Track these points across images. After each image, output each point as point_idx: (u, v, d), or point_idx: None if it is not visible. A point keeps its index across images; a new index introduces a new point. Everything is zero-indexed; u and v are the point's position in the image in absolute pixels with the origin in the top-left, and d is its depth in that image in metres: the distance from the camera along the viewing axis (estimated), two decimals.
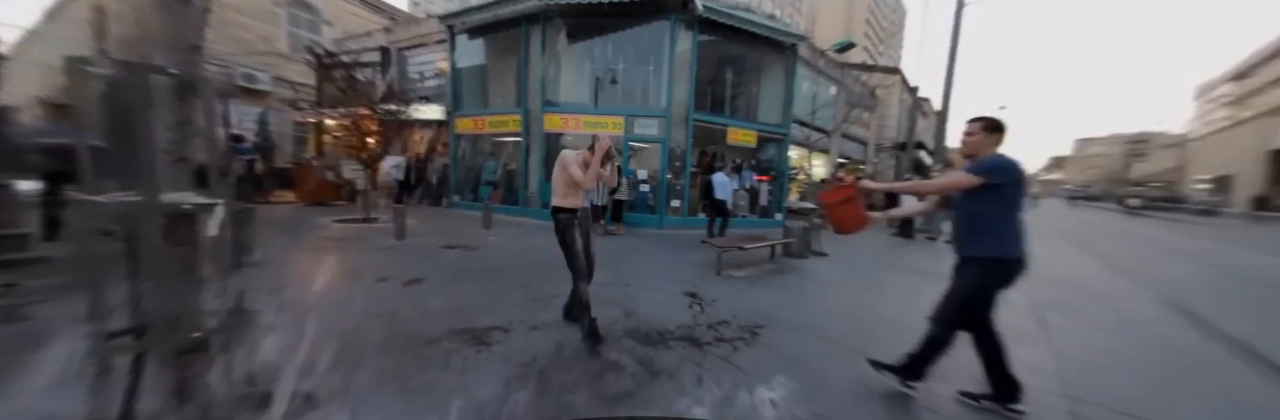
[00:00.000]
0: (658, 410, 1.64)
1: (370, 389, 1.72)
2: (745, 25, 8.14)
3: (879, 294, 3.82)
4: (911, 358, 1.85)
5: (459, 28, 9.68)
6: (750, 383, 1.94)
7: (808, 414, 1.69)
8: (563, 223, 2.45)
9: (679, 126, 8.16)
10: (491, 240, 6.01)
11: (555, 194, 2.50)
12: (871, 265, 5.17)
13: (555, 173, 2.48)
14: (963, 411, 1.76)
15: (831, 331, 2.65)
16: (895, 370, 1.88)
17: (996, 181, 1.71)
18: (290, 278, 3.54)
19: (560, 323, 2.60)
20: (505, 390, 1.78)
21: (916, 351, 1.83)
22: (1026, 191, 1.87)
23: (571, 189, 2.47)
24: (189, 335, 1.32)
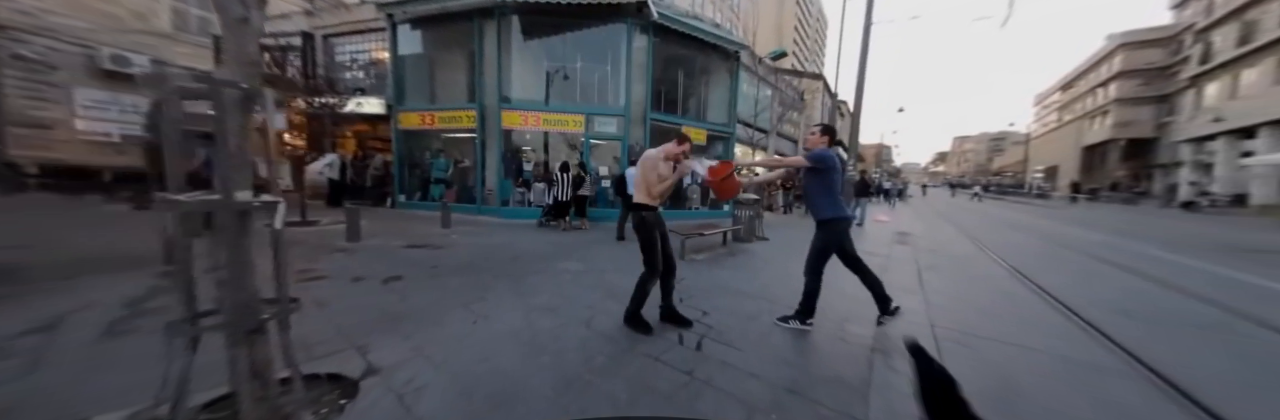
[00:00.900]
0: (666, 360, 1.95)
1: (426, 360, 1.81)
2: (695, 32, 8.57)
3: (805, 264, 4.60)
4: (801, 305, 2.53)
5: (400, 17, 8.90)
6: (719, 335, 2.43)
7: (768, 353, 2.17)
8: (647, 220, 2.44)
9: (637, 125, 8.44)
10: (455, 239, 5.85)
11: (638, 192, 2.49)
12: (801, 246, 5.89)
13: (640, 172, 2.45)
14: (841, 324, 2.39)
15: (774, 295, 3.27)
16: (795, 318, 2.54)
17: (819, 167, 2.44)
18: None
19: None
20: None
21: (803, 300, 2.53)
22: (842, 176, 2.63)
23: (657, 187, 2.46)
24: (258, 318, 1.40)
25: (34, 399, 1.63)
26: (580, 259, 4.56)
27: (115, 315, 2.49)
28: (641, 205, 2.45)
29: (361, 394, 1.70)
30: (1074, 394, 1.91)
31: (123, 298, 2.79)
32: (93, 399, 1.62)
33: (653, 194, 2.45)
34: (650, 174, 2.43)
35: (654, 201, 2.46)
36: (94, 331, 2.25)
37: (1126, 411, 1.77)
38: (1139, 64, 28.95)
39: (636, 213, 2.46)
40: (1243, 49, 19.30)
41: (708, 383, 1.85)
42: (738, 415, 1.60)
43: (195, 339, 1.35)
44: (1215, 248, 6.85)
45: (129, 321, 2.42)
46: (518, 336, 2.33)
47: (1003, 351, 2.39)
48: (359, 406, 1.61)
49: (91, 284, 3.07)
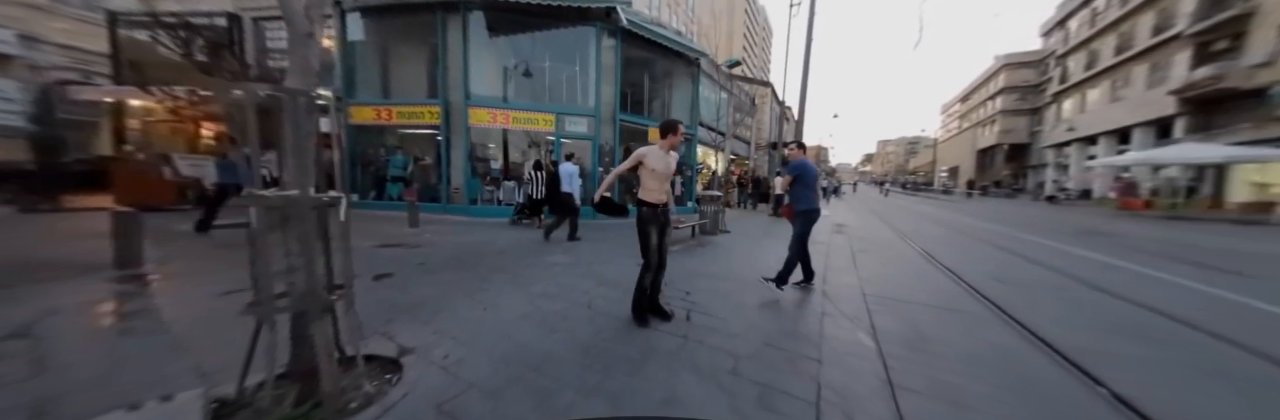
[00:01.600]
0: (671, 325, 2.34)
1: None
2: (660, 39, 8.99)
3: (764, 252, 5.23)
4: (779, 274, 3.27)
5: (350, 5, 8.33)
6: (703, 308, 2.87)
7: (744, 319, 2.63)
8: (642, 216, 2.42)
9: (607, 125, 8.71)
10: (429, 238, 5.78)
11: (641, 188, 2.46)
12: (758, 236, 6.80)
13: (644, 169, 2.41)
14: (797, 293, 3.18)
15: (741, 277, 3.82)
16: (773, 280, 3.27)
17: (797, 174, 3.39)
18: (220, 283, 3.12)
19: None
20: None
21: (782, 269, 3.28)
22: (817, 178, 3.50)
23: (653, 182, 2.42)
24: (328, 300, 1.58)
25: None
26: (565, 253, 4.81)
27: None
28: (641, 202, 2.44)
29: (406, 369, 1.89)
30: (962, 336, 2.59)
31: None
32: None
33: (649, 189, 2.43)
34: (659, 165, 2.37)
35: (652, 198, 2.42)
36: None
37: (996, 345, 2.46)
38: (1018, 81, 34.35)
39: (637, 209, 2.47)
40: (1088, 73, 23.81)
41: (701, 343, 2.26)
42: (723, 362, 2.03)
43: (271, 321, 1.51)
44: (1064, 231, 8.67)
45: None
46: (529, 318, 2.59)
47: (914, 309, 3.09)
48: (409, 377, 1.81)
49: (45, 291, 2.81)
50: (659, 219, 2.46)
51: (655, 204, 2.43)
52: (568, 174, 5.85)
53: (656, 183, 2.43)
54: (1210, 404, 1.80)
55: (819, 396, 1.71)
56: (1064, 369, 2.11)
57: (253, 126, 1.45)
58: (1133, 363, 2.18)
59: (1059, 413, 1.72)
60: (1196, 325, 2.79)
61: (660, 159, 2.42)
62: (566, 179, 5.82)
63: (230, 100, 1.65)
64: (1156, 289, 3.80)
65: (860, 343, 2.39)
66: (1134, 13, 20.41)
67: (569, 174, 5.86)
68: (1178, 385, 1.96)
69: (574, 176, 5.93)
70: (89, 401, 1.52)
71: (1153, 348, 2.42)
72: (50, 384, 1.66)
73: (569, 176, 5.85)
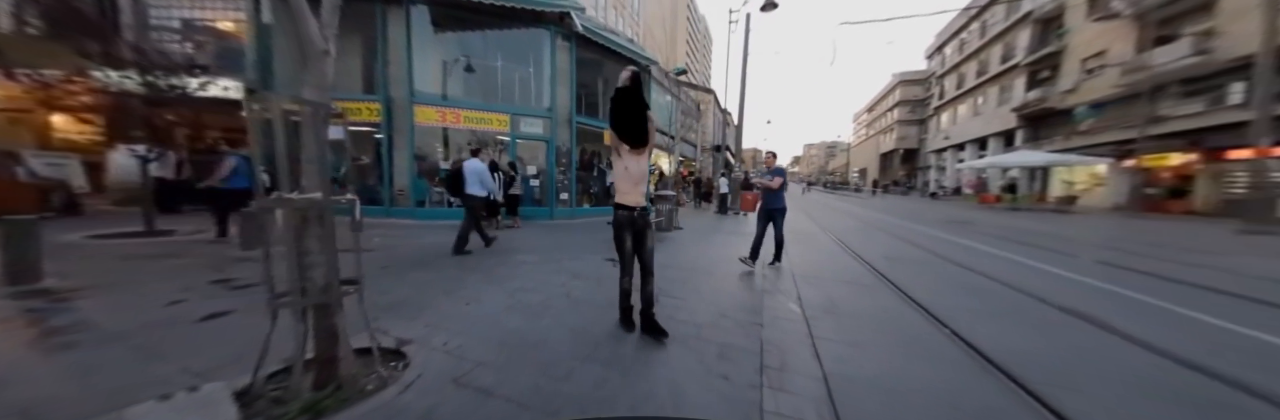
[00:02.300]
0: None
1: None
2: (613, 45, 9.33)
3: (714, 245, 5.87)
4: (752, 252, 4.21)
5: None
6: (668, 292, 3.28)
7: (702, 299, 3.14)
8: (616, 220, 2.29)
9: (563, 127, 8.85)
10: (379, 242, 5.57)
11: (616, 190, 2.36)
12: (708, 231, 7.46)
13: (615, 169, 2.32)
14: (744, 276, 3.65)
15: (696, 266, 4.33)
16: (745, 260, 4.12)
17: (783, 178, 4.18)
18: (152, 295, 2.87)
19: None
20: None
21: (752, 249, 4.23)
22: (787, 181, 4.31)
23: (627, 184, 2.28)
24: (333, 295, 1.73)
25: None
26: (532, 251, 4.98)
27: None
28: (617, 205, 2.31)
29: (411, 355, 2.06)
30: (861, 301, 3.34)
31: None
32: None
33: (622, 191, 2.31)
34: (633, 165, 2.27)
35: (627, 201, 2.29)
36: None
37: (883, 306, 3.22)
38: (910, 96, 40.29)
39: (613, 212, 2.33)
40: (958, 91, 28.82)
41: (670, 318, 2.69)
42: (690, 331, 2.49)
43: (301, 312, 1.64)
44: (939, 221, 10.67)
45: None
46: (513, 309, 2.83)
47: (830, 284, 3.85)
48: (417, 362, 1.99)
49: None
50: (635, 223, 2.30)
51: (631, 206, 2.29)
52: (474, 172, 4.76)
53: (629, 184, 2.30)
54: (1008, 333, 2.65)
55: (762, 348, 2.24)
56: (926, 319, 2.90)
57: (281, 137, 1.57)
58: (968, 313, 3.05)
59: (919, 346, 2.43)
60: (1012, 285, 3.88)
61: (634, 160, 2.30)
62: (471, 178, 4.74)
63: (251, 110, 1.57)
64: (992, 262, 5.06)
65: (791, 310, 3.00)
66: (989, 44, 25.14)
67: (476, 172, 4.78)
68: (991, 324, 2.82)
69: (483, 174, 4.82)
70: (82, 405, 1.51)
71: (982, 301, 3.37)
72: (23, 394, 1.59)
73: (476, 174, 4.77)
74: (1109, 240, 7.39)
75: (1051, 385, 1.89)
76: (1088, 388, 1.91)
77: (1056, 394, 1.80)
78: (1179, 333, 2.66)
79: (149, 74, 5.83)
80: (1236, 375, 2.02)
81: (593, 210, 9.61)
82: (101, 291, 2.91)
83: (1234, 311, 3.10)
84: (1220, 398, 1.85)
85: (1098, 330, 2.71)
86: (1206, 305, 3.24)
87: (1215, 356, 2.25)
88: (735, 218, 10.57)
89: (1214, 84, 12.31)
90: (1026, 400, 1.79)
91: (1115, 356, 2.32)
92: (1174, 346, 2.39)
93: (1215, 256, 5.67)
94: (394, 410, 1.55)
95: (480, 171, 4.83)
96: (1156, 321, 2.88)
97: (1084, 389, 1.89)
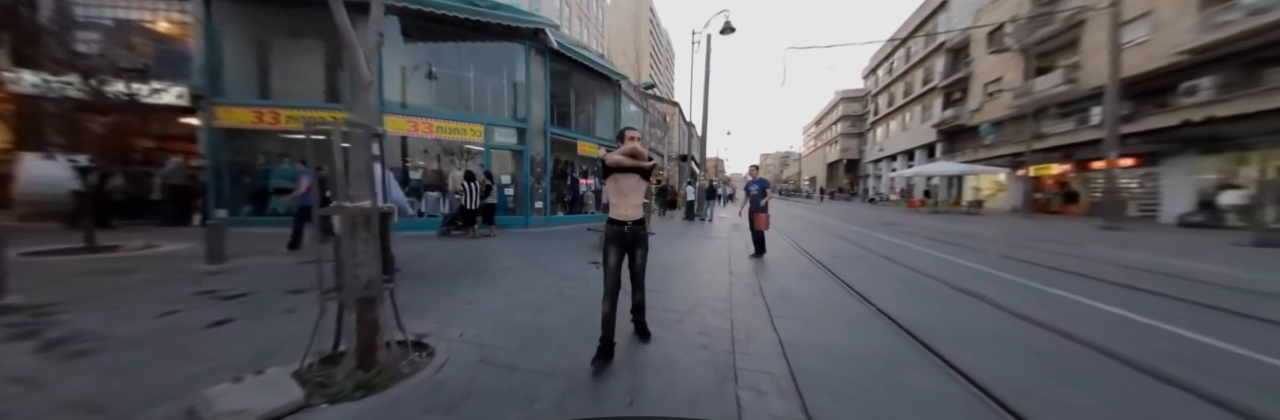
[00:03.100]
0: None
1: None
2: (585, 60, 9.78)
3: (687, 247, 6.41)
4: (756, 248, 5.41)
5: None
6: (651, 287, 3.74)
7: (679, 292, 3.60)
8: (606, 234, 2.12)
9: (538, 137, 9.09)
10: None
11: (610, 205, 2.17)
12: (678, 235, 8.03)
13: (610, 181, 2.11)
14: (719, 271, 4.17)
15: (670, 265, 4.81)
16: (754, 255, 5.00)
17: (763, 189, 5.41)
18: (136, 307, 2.82)
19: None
20: None
21: (755, 245, 5.43)
22: (768, 191, 5.65)
23: (617, 197, 2.11)
24: (376, 291, 1.98)
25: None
26: (516, 257, 5.19)
27: None
28: (610, 220, 2.17)
29: (434, 345, 2.30)
30: (810, 289, 3.95)
31: None
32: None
33: (613, 204, 2.15)
34: (623, 176, 2.09)
35: (617, 214, 2.12)
36: None
37: (827, 292, 3.84)
38: (851, 112, 44.29)
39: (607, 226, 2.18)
40: (890, 109, 32.28)
41: (656, 307, 3.08)
42: (674, 316, 2.92)
43: (349, 306, 1.88)
44: (874, 223, 12.02)
45: None
46: (514, 306, 3.10)
47: (784, 277, 4.44)
48: (441, 349, 2.24)
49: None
50: (624, 237, 2.11)
51: (621, 221, 2.12)
52: (283, 175, 3.49)
53: (619, 197, 2.13)
54: (918, 308, 3.33)
55: (732, 325, 2.71)
56: (858, 301, 3.54)
57: (339, 156, 1.84)
58: (892, 295, 3.73)
59: (853, 320, 3.02)
60: (924, 273, 4.70)
61: (624, 175, 2.12)
62: (276, 179, 3.40)
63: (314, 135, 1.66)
64: (914, 255, 5.99)
65: (753, 297, 3.53)
66: (913, 68, 28.53)
67: (285, 174, 3.43)
68: (908, 302, 3.50)
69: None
70: (139, 396, 1.65)
71: (904, 287, 4.10)
72: (70, 391, 1.68)
73: (282, 176, 3.38)
74: (1002, 236, 8.82)
75: (944, 341, 2.52)
76: (969, 343, 2.55)
77: (946, 347, 2.42)
78: (1038, 304, 3.48)
79: (87, 77, 5.42)
80: (1072, 330, 2.78)
81: (567, 218, 9.84)
82: (81, 306, 2.83)
83: (1080, 287, 4.05)
84: (1056, 346, 2.56)
85: (982, 303, 3.47)
86: (1063, 284, 4.19)
87: (1059, 318, 3.03)
88: (702, 223, 11.23)
89: (1081, 107, 15.01)
90: (926, 353, 2.39)
91: (992, 321, 3.04)
92: (1033, 313, 3.17)
93: (1076, 247, 7.05)
94: (436, 385, 1.83)
95: (290, 174, 3.50)
96: (1025, 297, 3.71)
97: (966, 343, 2.53)
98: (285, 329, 2.46)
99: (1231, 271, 4.84)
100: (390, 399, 1.69)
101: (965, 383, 2.00)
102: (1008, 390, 1.89)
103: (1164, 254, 6.20)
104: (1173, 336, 2.70)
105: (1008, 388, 1.91)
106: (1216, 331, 2.74)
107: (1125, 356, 2.32)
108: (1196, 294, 3.73)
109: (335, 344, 1.94)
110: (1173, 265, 5.25)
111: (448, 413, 1.58)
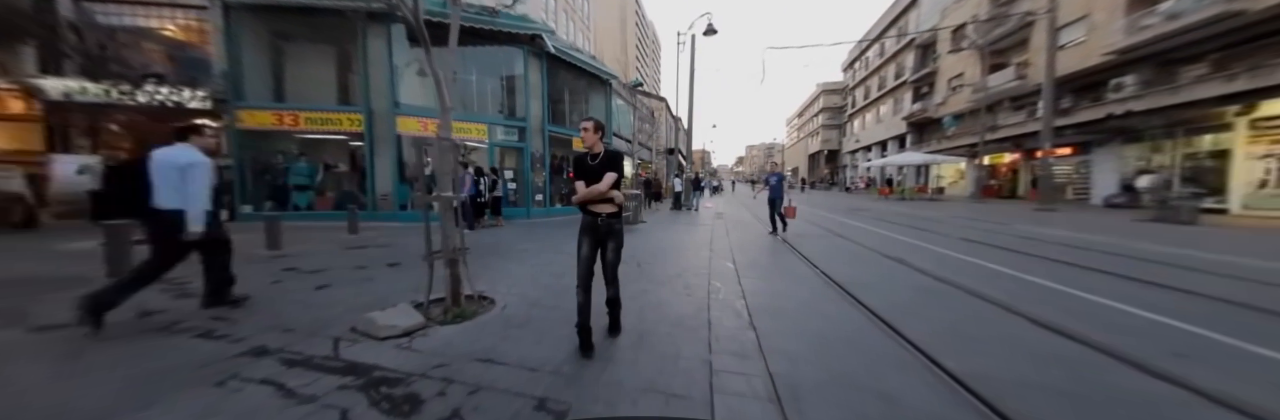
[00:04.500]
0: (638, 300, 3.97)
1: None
2: (578, 62, 10.35)
3: (675, 233, 7.23)
4: (773, 225, 6.66)
5: (235, 1, 7.51)
6: (645, 261, 4.59)
7: (668, 267, 4.46)
8: (581, 226, 2.11)
9: (536, 135, 9.73)
10: (384, 240, 6.15)
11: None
12: (668, 224, 8.86)
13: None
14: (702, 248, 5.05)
15: (662, 248, 5.61)
16: (772, 232, 6.16)
17: (781, 181, 6.56)
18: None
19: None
20: None
21: (772, 223, 6.52)
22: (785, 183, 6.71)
23: (583, 188, 2.09)
24: (460, 254, 2.76)
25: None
26: (529, 242, 5.96)
27: None
28: (583, 210, 2.15)
29: (492, 296, 3.10)
30: (775, 262, 4.85)
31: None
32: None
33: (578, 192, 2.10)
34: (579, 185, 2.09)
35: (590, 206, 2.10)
36: None
37: (790, 264, 4.75)
38: (831, 104, 45.37)
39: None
40: (865, 102, 33.42)
41: (652, 271, 3.95)
42: (666, 278, 3.76)
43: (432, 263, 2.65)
44: (846, 209, 13.10)
45: None
46: (540, 274, 3.89)
47: (754, 252, 5.34)
48: (499, 300, 3.03)
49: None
50: (596, 229, 2.10)
51: (594, 213, 2.11)
52: (173, 167, 2.44)
53: (582, 187, 2.10)
54: (852, 271, 4.25)
55: (709, 284, 3.58)
56: (808, 266, 4.45)
57: (449, 160, 2.57)
58: (834, 261, 4.66)
59: (800, 278, 3.92)
60: (868, 246, 5.66)
61: (578, 161, 2.14)
62: (165, 179, 2.43)
63: (419, 144, 2.13)
64: (864, 234, 6.98)
65: (728, 266, 4.40)
66: (886, 63, 29.53)
67: (166, 170, 2.44)
68: (844, 266, 4.42)
69: (189, 180, 2.47)
70: (304, 326, 2.41)
71: (846, 255, 5.05)
72: (261, 323, 2.43)
73: (167, 173, 2.44)
74: (948, 218, 9.94)
75: (858, 286, 3.43)
76: (875, 287, 3.47)
77: (858, 291, 3.33)
78: (942, 264, 4.44)
79: (116, 82, 5.89)
80: (953, 279, 3.73)
81: (566, 210, 10.58)
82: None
83: (983, 253, 5.04)
84: (935, 288, 3.50)
85: (902, 266, 4.42)
86: (972, 251, 5.18)
87: (951, 273, 3.99)
88: (688, 213, 12.12)
89: (1030, 101, 16.21)
90: (844, 294, 3.30)
91: (901, 276, 3.98)
92: (935, 270, 4.12)
93: (1004, 226, 8.16)
94: (505, 317, 2.64)
95: (183, 166, 2.40)
96: (937, 261, 4.68)
97: (873, 288, 3.45)
98: (375, 290, 3.22)
99: (1109, 239, 5.95)
100: (478, 323, 2.49)
101: (862, 309, 2.91)
102: (889, 310, 2.80)
103: (1071, 229, 7.34)
104: (1023, 281, 3.69)
105: (890, 310, 2.82)
106: (1061, 279, 3.72)
107: (981, 293, 3.27)
108: (1064, 255, 4.76)
109: (428, 293, 2.72)
110: (1068, 237, 6.34)
111: (521, 327, 2.40)
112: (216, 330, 2.35)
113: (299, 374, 1.80)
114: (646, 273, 3.88)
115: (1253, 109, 9.34)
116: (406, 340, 2.20)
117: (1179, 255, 4.82)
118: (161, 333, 2.31)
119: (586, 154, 2.15)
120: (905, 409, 1.64)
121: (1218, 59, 10.31)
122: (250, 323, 2.47)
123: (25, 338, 2.23)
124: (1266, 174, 9.35)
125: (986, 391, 1.73)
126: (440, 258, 2.64)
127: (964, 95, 19.57)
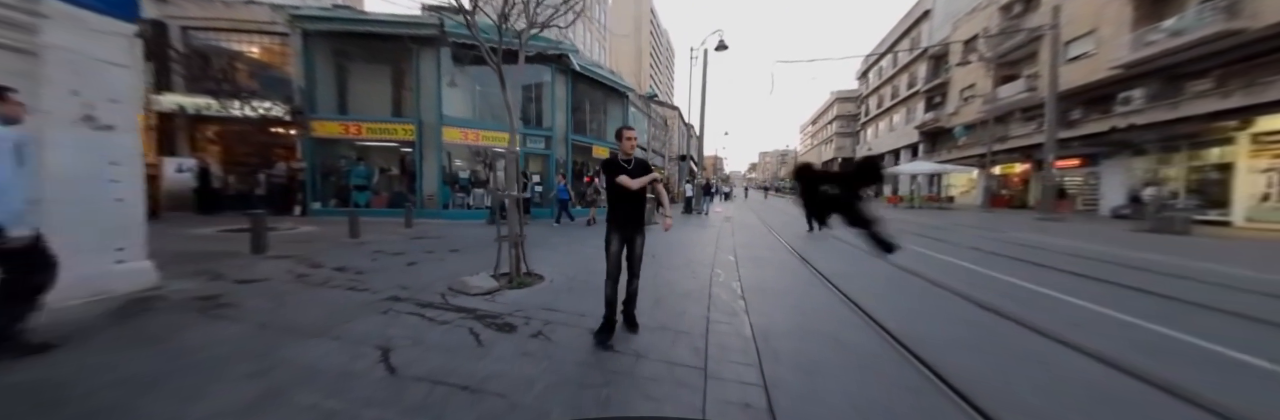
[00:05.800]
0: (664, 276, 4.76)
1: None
2: (600, 77, 11.36)
3: (686, 233, 7.97)
4: (809, 225, 6.82)
5: (313, 29, 8.79)
6: (660, 252, 5.35)
7: (677, 258, 5.21)
8: (608, 223, 2.35)
9: (561, 143, 10.71)
10: (437, 232, 7.14)
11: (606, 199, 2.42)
12: (681, 225, 9.58)
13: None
14: (706, 251, 5.79)
15: (674, 243, 6.35)
16: (809, 232, 6.25)
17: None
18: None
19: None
20: None
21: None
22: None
23: (619, 201, 2.34)
24: (522, 238, 3.61)
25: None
26: (559, 236, 6.82)
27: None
28: (612, 209, 2.40)
29: (542, 274, 3.93)
30: (773, 259, 5.55)
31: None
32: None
33: (609, 204, 2.43)
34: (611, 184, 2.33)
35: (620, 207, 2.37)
36: None
37: (787, 262, 5.45)
38: (845, 112, 45.42)
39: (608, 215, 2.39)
40: (879, 110, 33.54)
41: (666, 263, 4.72)
42: (672, 266, 4.53)
43: (501, 244, 3.52)
44: None
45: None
46: (575, 260, 4.72)
47: (756, 250, 6.05)
48: (547, 276, 3.84)
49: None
50: (623, 229, 2.35)
51: (625, 211, 2.37)
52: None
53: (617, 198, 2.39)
54: (837, 265, 4.92)
55: (711, 271, 4.33)
56: (801, 262, 5.15)
57: (515, 169, 3.46)
58: (825, 259, 5.32)
59: (793, 271, 4.63)
60: (860, 247, 6.28)
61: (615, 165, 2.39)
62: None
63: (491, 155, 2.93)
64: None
65: (730, 259, 5.14)
66: (899, 73, 29.72)
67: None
68: (833, 262, 5.09)
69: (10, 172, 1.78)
70: (413, 287, 3.29)
71: (836, 254, 5.70)
72: (382, 284, 3.33)
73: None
74: (949, 225, 10.37)
75: (841, 277, 4.13)
76: (855, 278, 4.15)
77: (839, 280, 4.03)
78: (925, 263, 5.06)
79: (228, 98, 7.17)
80: (932, 276, 4.37)
81: (586, 211, 11.44)
82: (318, 257, 4.47)
83: (969, 255, 5.62)
84: (911, 283, 4.16)
85: (884, 264, 5.07)
86: (958, 254, 5.77)
87: (932, 271, 4.62)
88: (699, 216, 12.85)
89: (1039, 113, 16.35)
90: (826, 283, 4.00)
91: (881, 271, 4.64)
92: (916, 268, 4.76)
93: (1000, 233, 8.59)
94: (554, 287, 3.46)
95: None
96: (921, 260, 5.29)
97: (852, 278, 4.13)
98: (449, 267, 4.11)
99: (1103, 248, 6.40)
100: (535, 290, 3.33)
101: (835, 291, 3.62)
102: (857, 293, 3.50)
103: (1068, 237, 7.74)
104: (1004, 282, 4.26)
105: (858, 293, 3.53)
106: (1044, 282, 4.18)
107: (955, 289, 3.91)
108: (1053, 261, 5.27)
109: (496, 266, 3.57)
110: (1062, 244, 6.79)
111: (567, 292, 3.23)
112: (357, 285, 3.26)
113: (430, 311, 2.67)
114: (660, 262, 4.66)
115: (1249, 124, 9.53)
116: (489, 297, 3.05)
117: (1149, 260, 5.29)
118: (321, 287, 3.23)
119: (622, 159, 2.42)
120: (848, 347, 2.37)
121: (1221, 75, 10.51)
122: (378, 283, 3.38)
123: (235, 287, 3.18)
124: (1268, 187, 9.49)
125: (908, 337, 2.45)
126: (506, 241, 3.49)
127: (975, 106, 19.76)
